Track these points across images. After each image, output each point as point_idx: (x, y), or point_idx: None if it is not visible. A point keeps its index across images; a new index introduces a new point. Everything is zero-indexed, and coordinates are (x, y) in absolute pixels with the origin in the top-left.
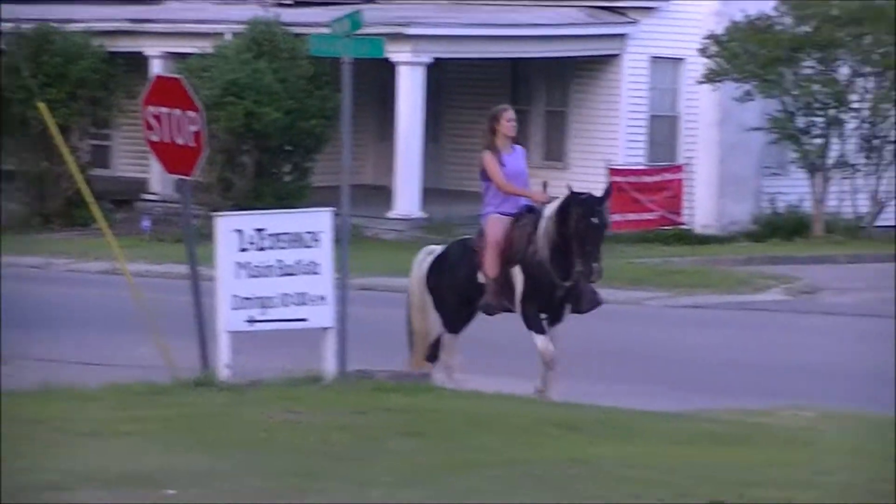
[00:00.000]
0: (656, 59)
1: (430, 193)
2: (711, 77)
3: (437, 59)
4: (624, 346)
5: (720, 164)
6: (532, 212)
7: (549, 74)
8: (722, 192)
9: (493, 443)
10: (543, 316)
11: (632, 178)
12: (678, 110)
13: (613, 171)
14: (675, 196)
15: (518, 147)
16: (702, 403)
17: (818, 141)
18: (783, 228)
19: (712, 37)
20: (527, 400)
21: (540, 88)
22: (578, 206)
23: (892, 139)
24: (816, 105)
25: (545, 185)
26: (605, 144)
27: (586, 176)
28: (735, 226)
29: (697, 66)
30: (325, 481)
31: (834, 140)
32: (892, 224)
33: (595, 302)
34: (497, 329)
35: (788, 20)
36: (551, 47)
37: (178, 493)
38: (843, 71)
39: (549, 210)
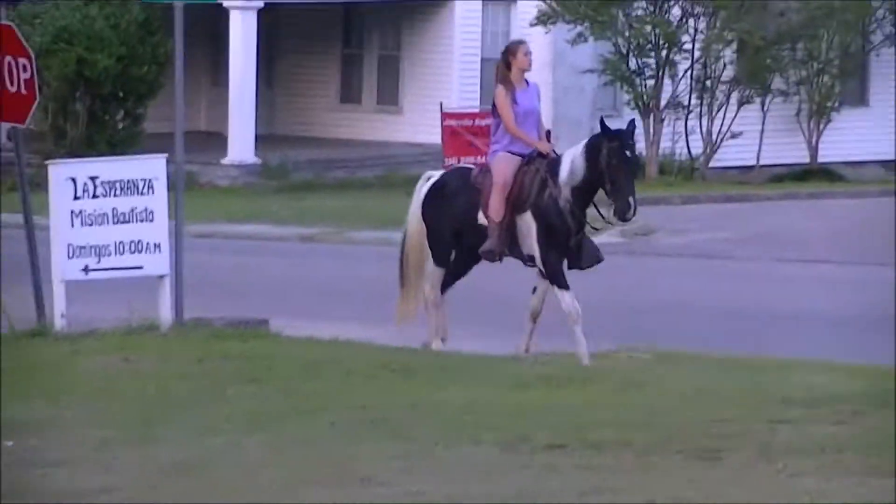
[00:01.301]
0: (488, 2)
1: (264, 139)
2: (544, 19)
3: (269, 4)
4: (460, 291)
5: (553, 106)
6: (543, 156)
7: (381, 18)
8: (556, 134)
9: (331, 388)
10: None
11: (466, 122)
12: None
13: (447, 115)
14: None
15: (532, 83)
16: (540, 346)
17: (651, 82)
18: None
19: None
20: (364, 345)
21: (372, 33)
22: (612, 140)
23: (724, 79)
24: (649, 46)
25: (549, 133)
26: (439, 88)
27: (421, 119)
28: None
29: (530, 8)
30: (165, 429)
31: (666, 81)
32: (727, 165)
33: (596, 258)
34: (337, 276)
35: None
36: None
37: (16, 443)
38: (675, 11)
39: (573, 151)
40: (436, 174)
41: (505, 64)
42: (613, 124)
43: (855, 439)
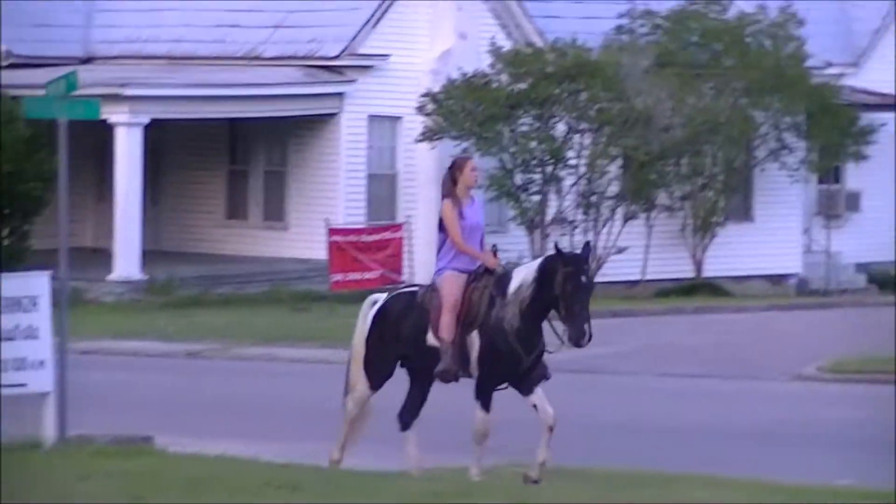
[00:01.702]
0: (374, 118)
1: (150, 255)
2: (429, 135)
3: (155, 120)
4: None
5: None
6: (490, 272)
7: (267, 134)
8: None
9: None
10: (504, 386)
11: (352, 238)
12: (397, 168)
13: (333, 231)
14: (395, 255)
15: (477, 199)
16: (427, 461)
17: (536, 197)
18: None
19: (429, 95)
20: (249, 462)
21: (258, 148)
22: (566, 265)
23: (609, 195)
24: (534, 162)
25: (495, 248)
26: (325, 204)
27: (307, 236)
28: None
29: (416, 124)
30: None
31: (552, 196)
32: (612, 280)
33: (542, 376)
34: (223, 392)
35: (505, 77)
36: (268, 107)
37: None
38: (560, 127)
39: (525, 271)
40: (381, 297)
41: (451, 179)
42: (499, 241)
43: None
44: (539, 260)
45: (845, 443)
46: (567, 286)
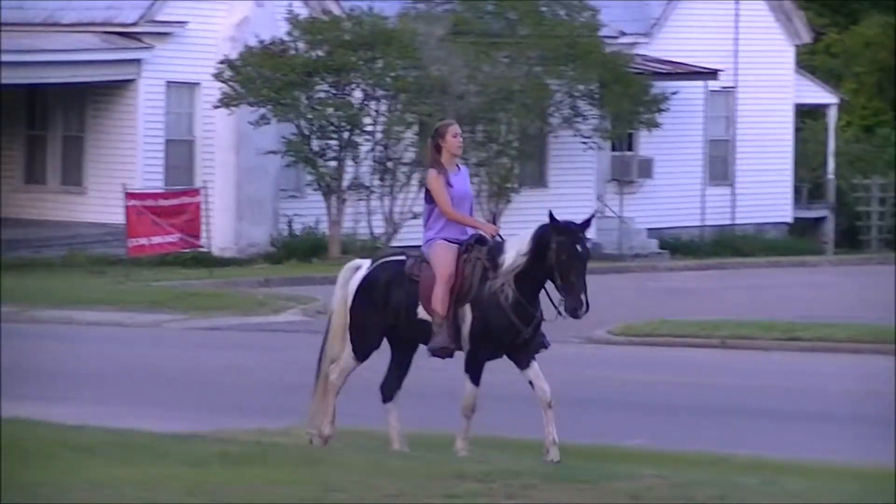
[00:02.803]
0: (172, 84)
1: None
2: (227, 101)
3: None
4: (142, 369)
5: (237, 187)
6: (482, 242)
7: (66, 100)
8: (239, 215)
9: (7, 467)
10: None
11: (150, 202)
12: (195, 134)
13: (131, 195)
14: (193, 219)
15: (464, 167)
16: (221, 424)
17: (333, 163)
18: (300, 250)
19: (227, 62)
20: (42, 424)
21: (57, 114)
22: (562, 234)
23: (405, 161)
24: (331, 128)
25: (495, 216)
26: (123, 169)
27: (105, 200)
28: (253, 248)
29: (213, 90)
30: None
31: (348, 163)
32: (408, 244)
33: (541, 345)
34: (19, 355)
35: (302, 45)
36: (66, 73)
37: None
38: (357, 94)
39: (519, 242)
40: (363, 264)
41: (434, 147)
42: (296, 206)
43: None
44: (533, 229)
45: (634, 404)
46: (562, 256)
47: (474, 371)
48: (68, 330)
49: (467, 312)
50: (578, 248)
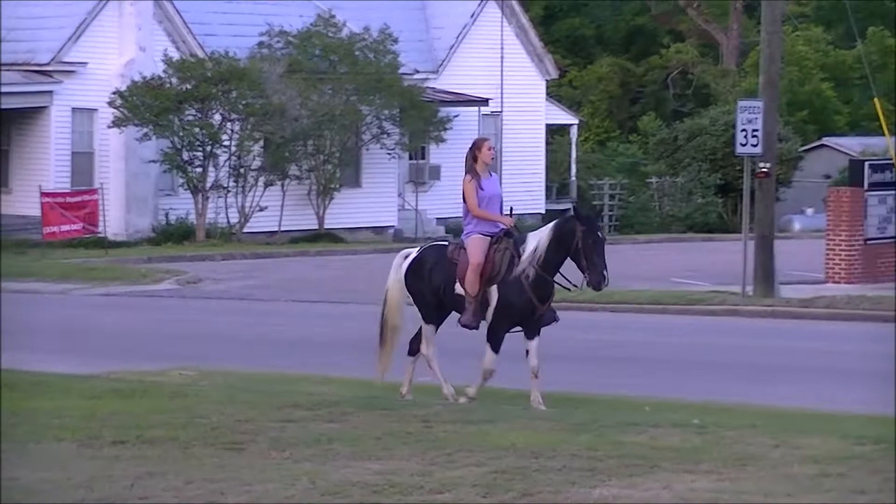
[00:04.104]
0: (76, 110)
1: None
2: (118, 123)
3: None
4: (54, 326)
5: (126, 187)
6: (510, 235)
7: None
8: (128, 209)
9: None
10: (517, 330)
11: (59, 199)
12: (94, 148)
13: (45, 194)
14: (92, 212)
15: (494, 174)
16: (113, 367)
17: (199, 170)
18: (175, 235)
19: (118, 93)
20: None
21: None
22: (586, 224)
23: (253, 167)
24: (197, 143)
25: (511, 210)
26: (40, 173)
27: (26, 198)
28: (139, 234)
29: (108, 114)
30: None
31: (210, 169)
32: (256, 231)
33: (552, 318)
34: None
35: (175, 80)
36: None
37: None
38: (217, 117)
39: (538, 235)
40: (412, 251)
41: (472, 157)
42: (171, 202)
43: (343, 434)
44: (553, 222)
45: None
46: (588, 241)
47: (495, 341)
48: None
49: (493, 293)
50: (600, 234)
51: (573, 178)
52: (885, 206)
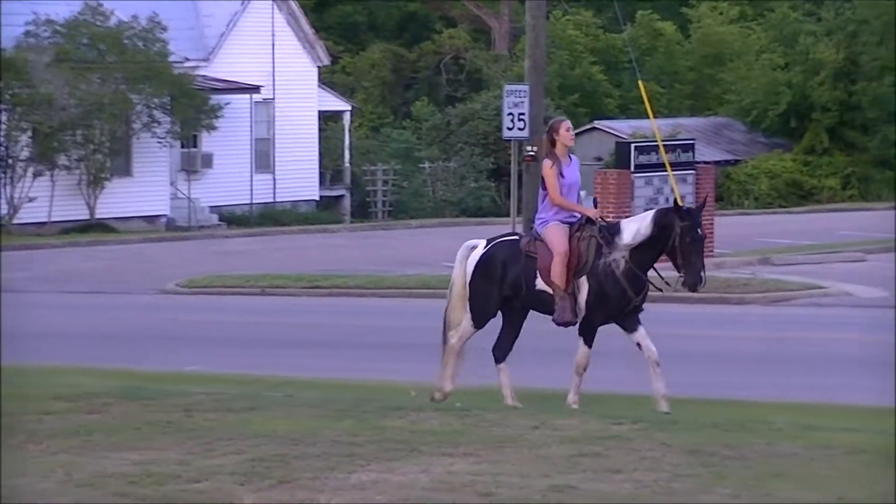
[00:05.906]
0: None
1: None
2: None
3: None
4: None
5: None
6: (592, 222)
7: None
8: None
9: None
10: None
11: None
12: None
13: None
14: None
15: (574, 157)
16: None
17: None
18: None
19: None
20: None
21: None
22: (686, 220)
23: (22, 158)
24: None
25: (596, 200)
26: None
27: None
28: None
29: None
30: None
31: None
32: (25, 222)
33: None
34: None
35: None
36: None
37: None
38: None
39: (639, 221)
40: (479, 243)
41: (549, 140)
42: None
43: (102, 425)
44: (652, 212)
45: (194, 339)
46: (686, 238)
47: (588, 335)
48: None
49: (583, 284)
50: (699, 231)
51: (347, 165)
52: (652, 187)
